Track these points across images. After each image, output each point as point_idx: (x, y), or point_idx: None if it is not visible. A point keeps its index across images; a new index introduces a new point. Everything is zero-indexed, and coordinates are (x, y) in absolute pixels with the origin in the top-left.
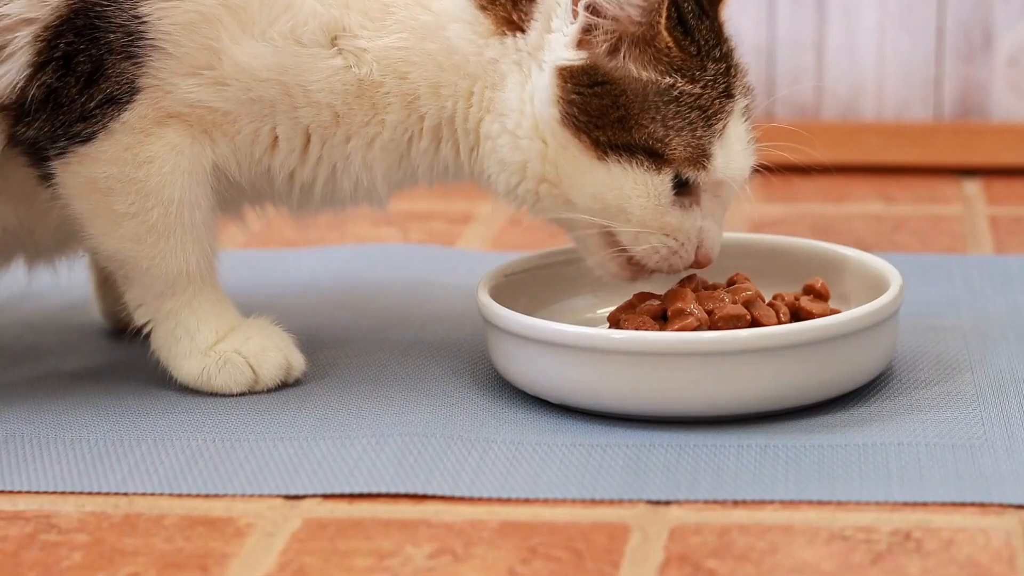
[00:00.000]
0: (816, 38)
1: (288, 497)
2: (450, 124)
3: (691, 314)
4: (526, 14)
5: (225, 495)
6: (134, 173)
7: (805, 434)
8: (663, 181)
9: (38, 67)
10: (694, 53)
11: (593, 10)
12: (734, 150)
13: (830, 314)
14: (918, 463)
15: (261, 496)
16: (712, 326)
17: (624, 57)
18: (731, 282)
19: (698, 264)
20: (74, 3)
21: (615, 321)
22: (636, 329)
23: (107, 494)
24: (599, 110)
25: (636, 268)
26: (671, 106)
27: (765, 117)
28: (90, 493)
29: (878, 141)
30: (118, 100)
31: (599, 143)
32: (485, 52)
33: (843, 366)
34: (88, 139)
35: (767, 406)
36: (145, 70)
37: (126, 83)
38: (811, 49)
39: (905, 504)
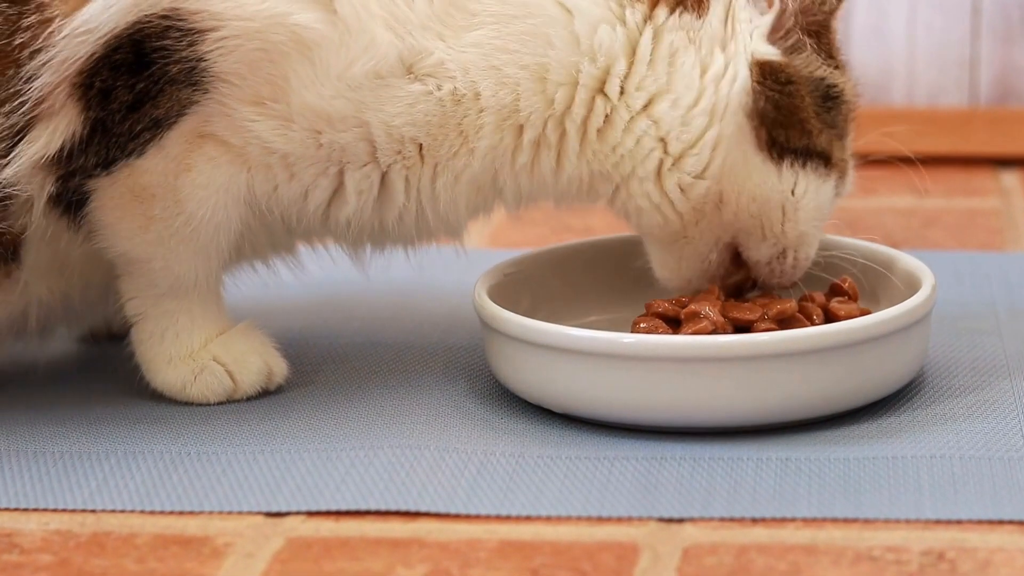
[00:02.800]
0: (841, 16)
1: (269, 514)
2: (558, 123)
3: (705, 317)
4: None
5: (201, 512)
6: (174, 181)
7: (830, 446)
8: (829, 189)
9: (84, 109)
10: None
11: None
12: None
13: (859, 315)
14: (952, 477)
15: (240, 513)
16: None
17: (805, 52)
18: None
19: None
20: (111, 41)
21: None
22: (648, 332)
23: (73, 511)
24: (789, 110)
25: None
26: (837, 110)
27: None
28: (55, 510)
29: (909, 129)
30: (167, 120)
31: (776, 143)
32: (630, 18)
33: (871, 372)
34: (141, 154)
35: (789, 416)
36: (210, 96)
37: (182, 107)
38: None
39: (938, 522)
